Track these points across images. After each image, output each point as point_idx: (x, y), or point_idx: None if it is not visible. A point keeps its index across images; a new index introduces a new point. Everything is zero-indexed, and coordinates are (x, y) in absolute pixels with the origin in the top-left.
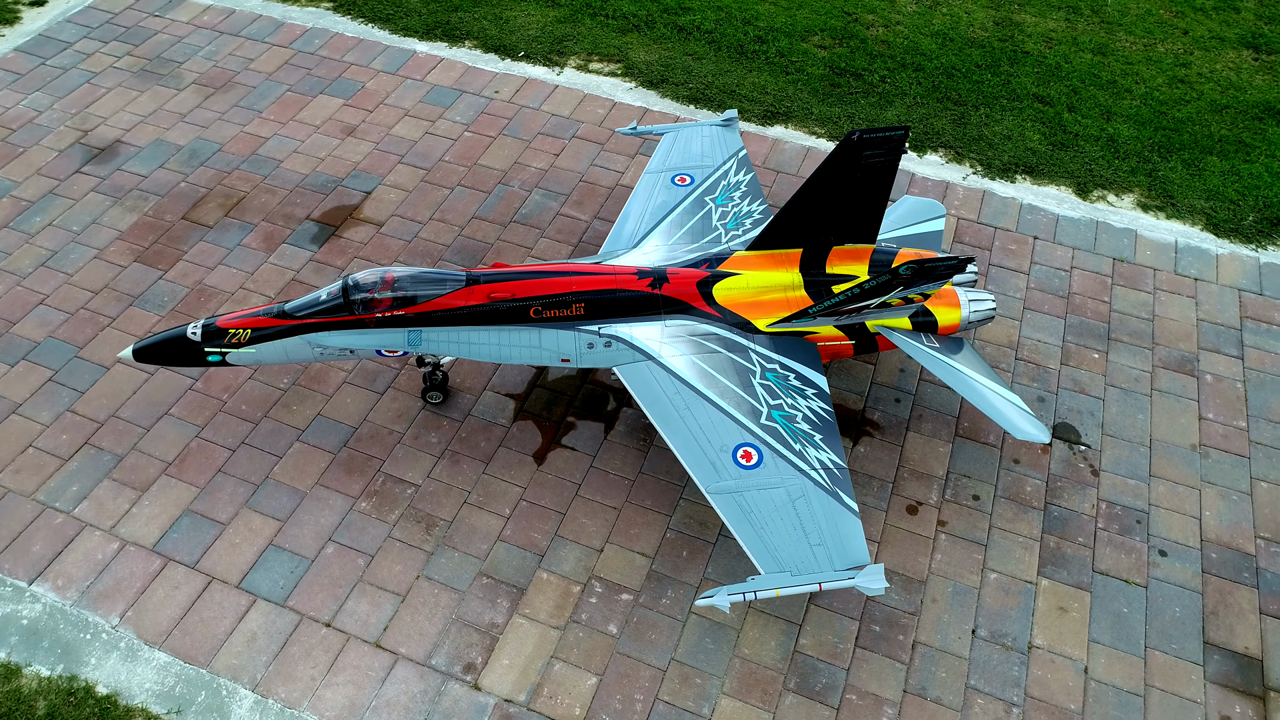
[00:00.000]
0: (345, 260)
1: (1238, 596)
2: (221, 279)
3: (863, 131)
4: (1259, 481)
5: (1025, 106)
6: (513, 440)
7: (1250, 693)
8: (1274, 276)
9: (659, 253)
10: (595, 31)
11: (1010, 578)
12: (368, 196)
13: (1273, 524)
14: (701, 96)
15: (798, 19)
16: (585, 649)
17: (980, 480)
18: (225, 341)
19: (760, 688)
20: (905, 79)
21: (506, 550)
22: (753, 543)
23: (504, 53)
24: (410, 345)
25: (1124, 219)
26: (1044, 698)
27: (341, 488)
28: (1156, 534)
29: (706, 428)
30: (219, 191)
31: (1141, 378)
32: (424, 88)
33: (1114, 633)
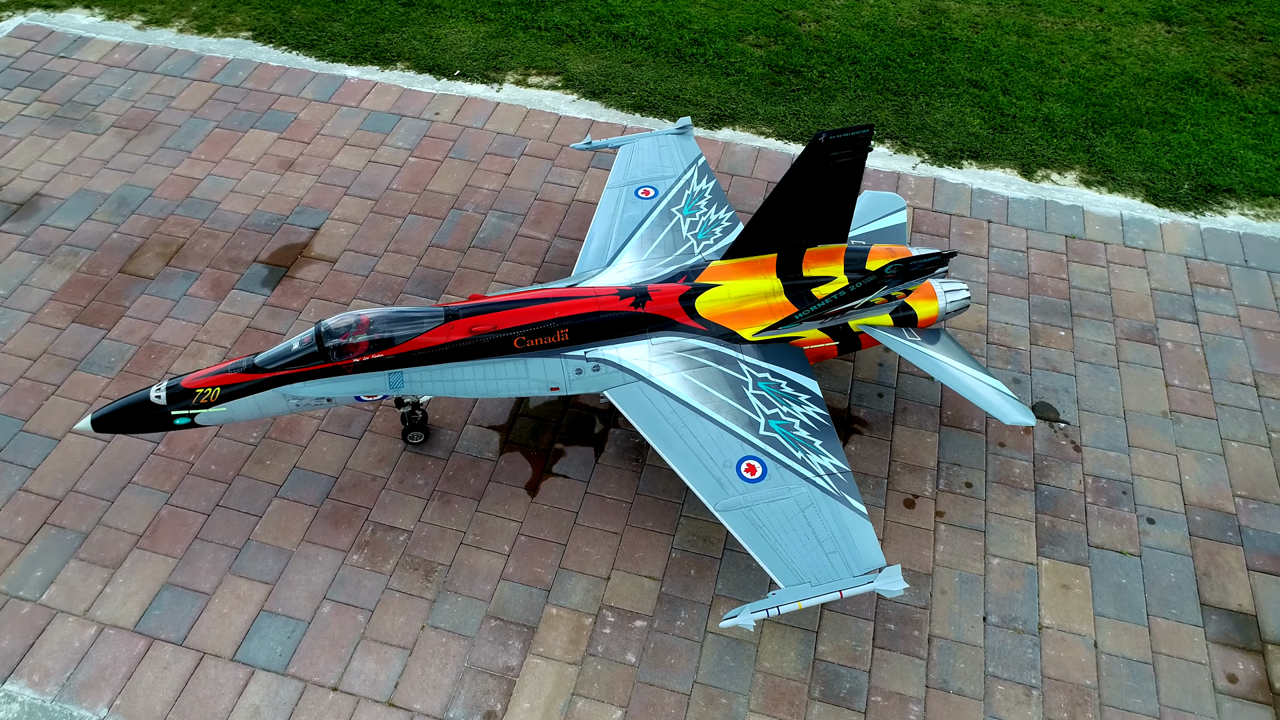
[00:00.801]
0: (301, 301)
1: (1226, 556)
2: (171, 333)
3: (829, 133)
4: (1229, 442)
5: (961, 92)
6: (502, 474)
7: (1250, 648)
8: (1215, 241)
9: (634, 269)
10: (530, 45)
11: (1012, 561)
12: (316, 233)
13: (1247, 482)
14: (646, 104)
15: (730, 19)
16: (606, 682)
17: (970, 467)
18: (194, 402)
19: (786, 700)
20: (844, 73)
21: (511, 589)
22: (768, 557)
23: (439, 72)
24: (392, 388)
25: (1069, 196)
26: (1060, 677)
27: (330, 542)
28: (1143, 503)
29: (707, 444)
30: (156, 240)
31: (1108, 351)
32: (360, 114)
33: (1117, 604)
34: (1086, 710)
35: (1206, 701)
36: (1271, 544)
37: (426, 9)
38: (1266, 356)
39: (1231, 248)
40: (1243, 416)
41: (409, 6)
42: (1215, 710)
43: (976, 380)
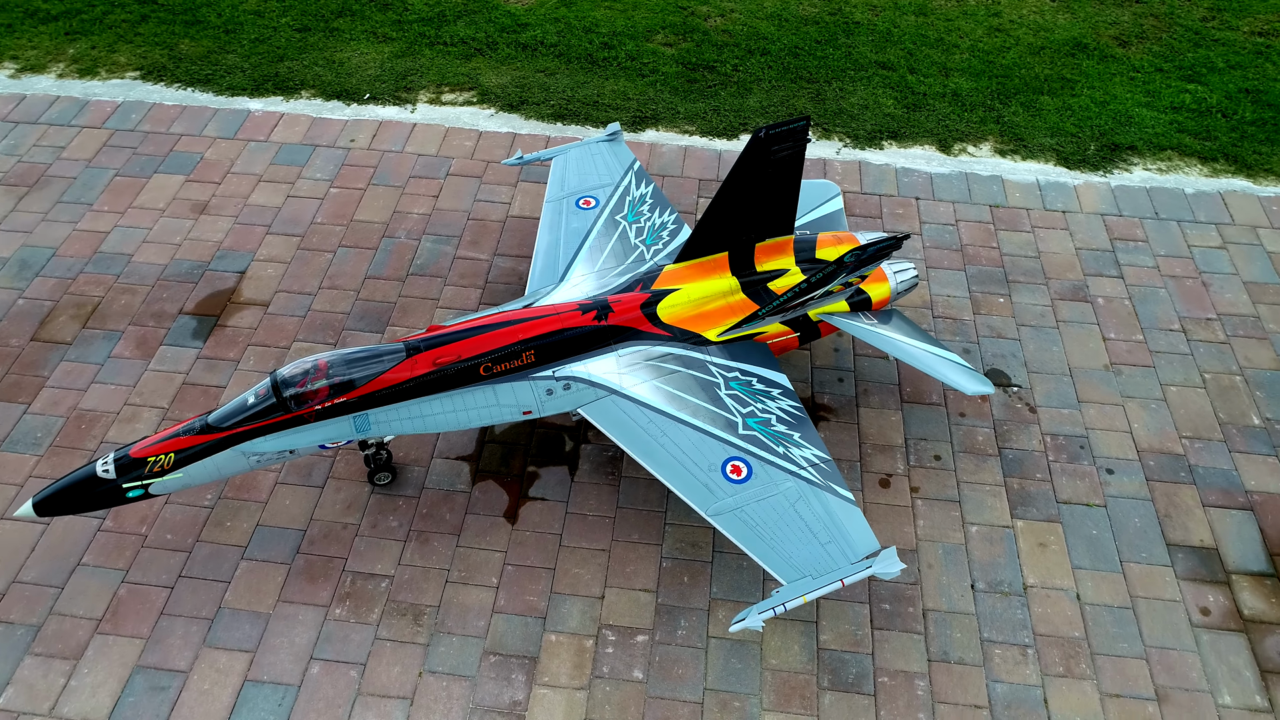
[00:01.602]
0: (238, 351)
1: (1182, 496)
2: (100, 399)
3: (768, 127)
4: (1168, 387)
5: (871, 75)
6: (478, 505)
7: (1216, 581)
8: (1126, 198)
9: (589, 282)
10: (438, 61)
11: (989, 526)
12: (243, 276)
13: (1190, 423)
14: (566, 113)
15: (637, 20)
16: (617, 702)
17: (936, 440)
18: (146, 471)
19: (797, 694)
20: (756, 65)
21: (506, 621)
22: (767, 556)
23: (347, 98)
24: (359, 432)
25: (987, 167)
26: (1050, 633)
27: (308, 599)
28: (1100, 455)
29: (689, 450)
30: (68, 302)
31: (1045, 313)
32: (271, 148)
33: (1091, 556)
34: (1079, 661)
35: (1185, 637)
36: (1220, 479)
37: (324, 33)
38: (1189, 302)
39: (1141, 202)
40: (1176, 362)
41: (304, 32)
42: (1195, 644)
43: (934, 356)
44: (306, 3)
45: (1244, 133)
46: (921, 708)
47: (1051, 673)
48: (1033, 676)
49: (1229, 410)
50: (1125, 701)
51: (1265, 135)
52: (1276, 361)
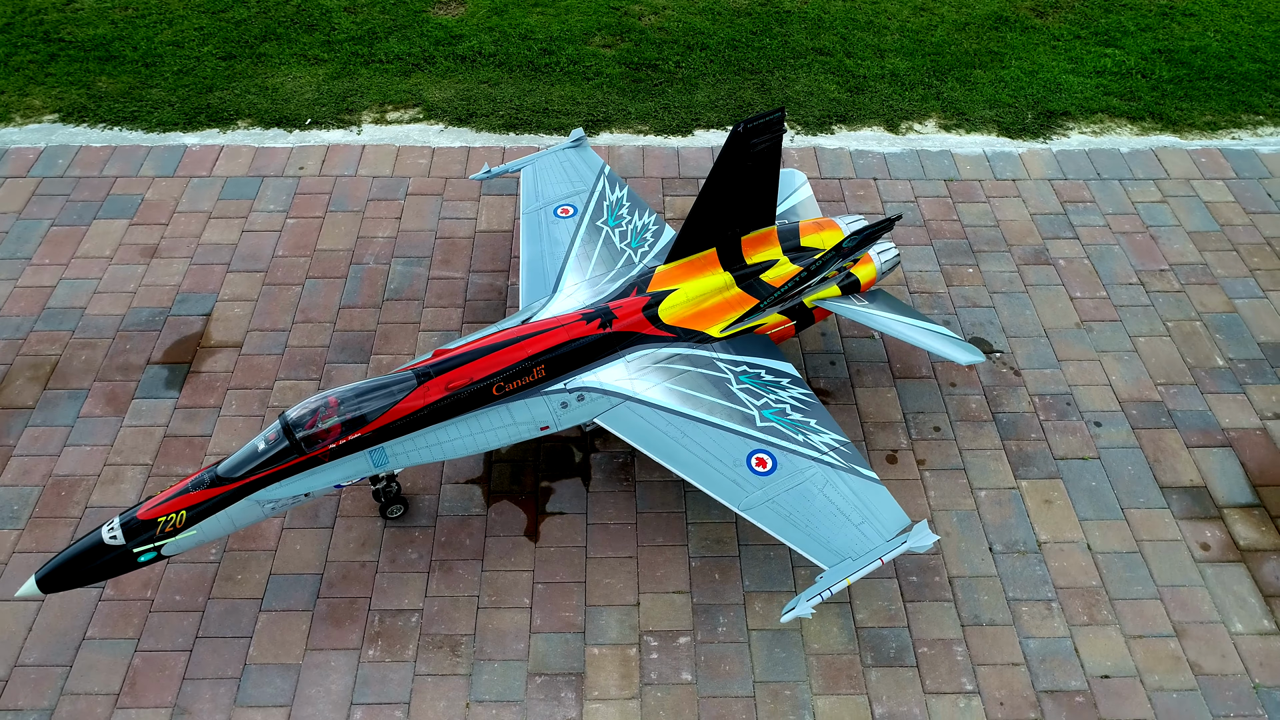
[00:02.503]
0: (217, 396)
1: (1166, 440)
2: (77, 463)
3: (746, 121)
4: (1136, 338)
5: (810, 62)
6: (496, 526)
7: (1210, 517)
8: (1069, 162)
9: (582, 291)
10: (377, 80)
11: (996, 490)
12: (209, 319)
13: (1162, 370)
14: (517, 122)
15: (571, 24)
16: (670, 707)
17: (933, 412)
18: (158, 533)
19: (844, 674)
20: (697, 60)
21: (545, 641)
22: (805, 543)
23: (288, 124)
24: (376, 467)
25: (936, 143)
26: (1069, 584)
27: (337, 644)
28: (1086, 409)
29: (712, 448)
30: (22, 364)
31: (1013, 278)
32: (216, 183)
33: (1094, 506)
34: (1100, 608)
35: (1191, 573)
36: (1198, 421)
37: (251, 60)
38: (1141, 256)
39: (1083, 165)
40: (1140, 314)
41: (230, 60)
42: (1201, 578)
43: (925, 331)
44: (227, 30)
45: (1164, 91)
46: (963, 672)
47: (1077, 622)
48: (1060, 628)
49: (1195, 355)
50: (1148, 641)
51: (1183, 92)
52: (1229, 304)
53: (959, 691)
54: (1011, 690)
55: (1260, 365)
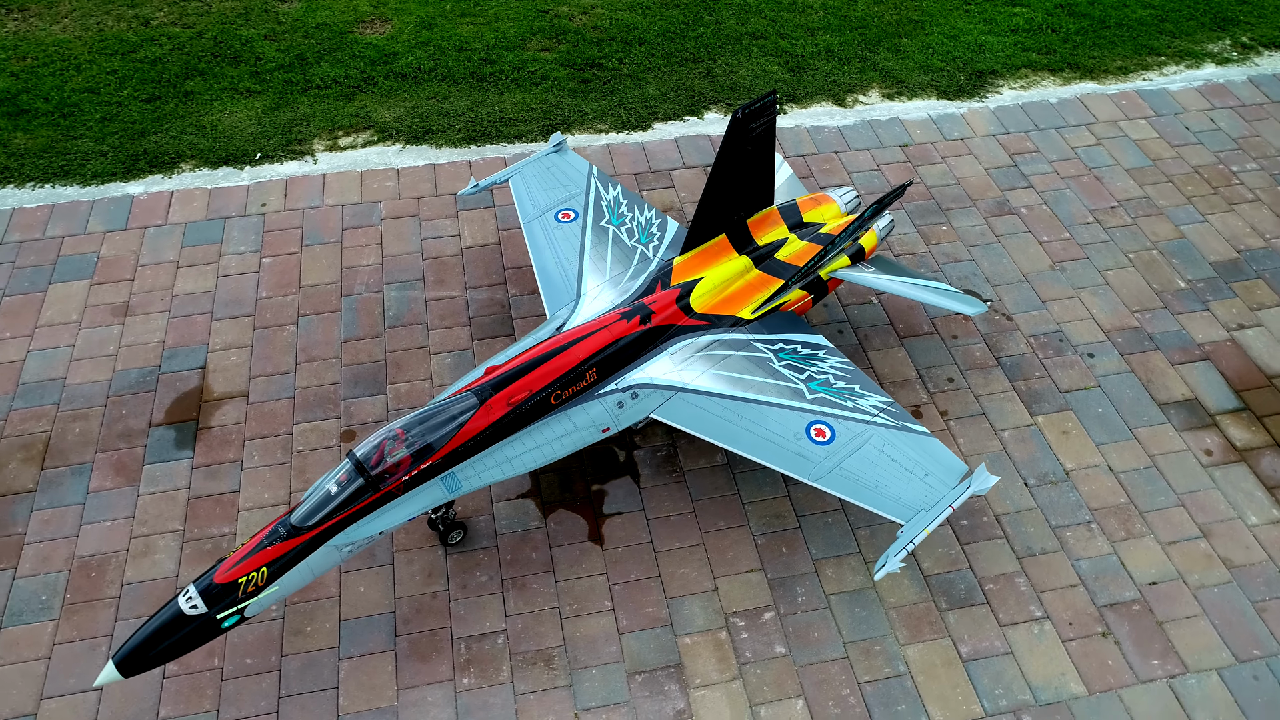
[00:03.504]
0: (235, 450)
1: (1153, 361)
2: (100, 541)
3: (744, 107)
4: (1105, 272)
5: (748, 46)
6: (559, 536)
7: (1206, 425)
8: (1007, 117)
9: (607, 291)
10: (319, 106)
11: (1017, 429)
12: (205, 371)
13: (1135, 299)
14: (477, 134)
15: (504, 31)
16: (772, 681)
17: (943, 365)
18: (240, 595)
19: (925, 622)
20: (639, 55)
21: (636, 639)
22: (878, 502)
23: (236, 162)
24: (451, 493)
25: (883, 112)
26: (1102, 505)
27: (429, 678)
28: (1077, 343)
29: (771, 426)
30: (9, 446)
31: (985, 231)
32: (175, 230)
33: (1106, 431)
34: (1134, 522)
35: (1202, 478)
36: (1175, 340)
37: (178, 100)
38: (1092, 197)
39: (1020, 119)
40: (1103, 249)
41: (155, 102)
42: (1211, 481)
43: (928, 289)
44: (143, 70)
45: (1074, 43)
46: (1029, 601)
47: (1116, 539)
48: (1104, 547)
49: (1159, 281)
50: (1181, 545)
51: (1090, 42)
52: (1177, 232)
53: (1030, 619)
54: (1075, 610)
55: (1216, 283)
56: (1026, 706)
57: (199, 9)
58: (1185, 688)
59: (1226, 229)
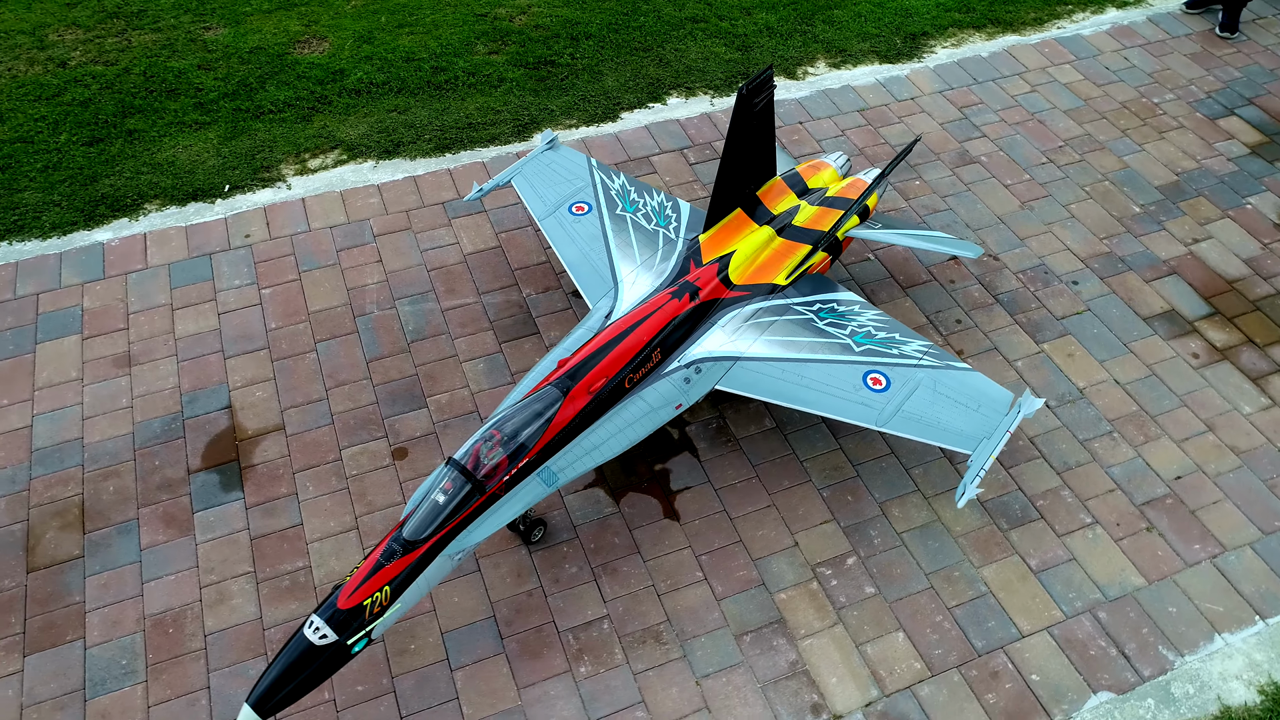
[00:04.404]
0: (287, 484)
1: (1129, 281)
2: (168, 595)
3: (746, 84)
4: (1068, 206)
5: (692, 30)
6: (635, 518)
7: (1187, 332)
8: (947, 74)
9: (644, 275)
10: (276, 131)
11: (1027, 357)
12: (232, 411)
13: (1100, 227)
14: (449, 141)
15: (446, 38)
16: (871, 620)
17: (948, 308)
18: (366, 617)
19: (993, 544)
20: (589, 49)
21: (734, 603)
22: (944, 437)
23: (205, 196)
24: (549, 486)
25: (834, 80)
26: (1117, 415)
27: (546, 673)
28: (1061, 273)
29: (831, 381)
30: (41, 515)
31: (954, 182)
32: (159, 272)
33: (1105, 349)
34: (1148, 426)
35: (1195, 379)
36: (1143, 260)
37: (123, 139)
38: (1040, 139)
39: (959, 75)
40: (1062, 186)
41: (98, 144)
42: (1204, 381)
43: (930, 238)
44: (76, 113)
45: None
46: (1078, 510)
47: (1137, 443)
48: (1129, 452)
49: (1116, 208)
50: (1193, 441)
51: None
52: (1121, 163)
53: (1082, 526)
54: (1119, 512)
55: (1165, 204)
56: (1099, 604)
57: (117, 45)
58: (1227, 564)
59: (1162, 155)
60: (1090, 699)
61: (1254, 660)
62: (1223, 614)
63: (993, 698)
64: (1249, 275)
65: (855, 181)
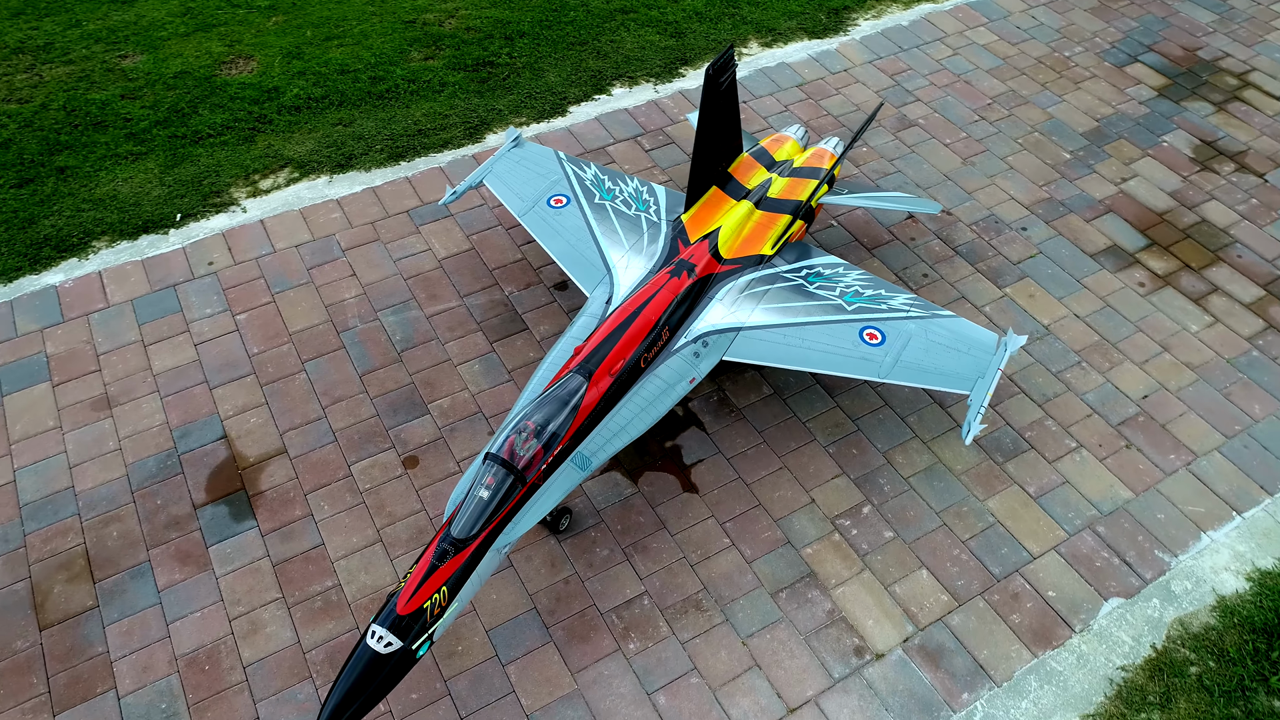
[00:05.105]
0: (301, 506)
1: (1072, 222)
2: (197, 633)
3: (711, 65)
4: (1005, 159)
5: (623, 21)
6: (656, 496)
7: (1131, 263)
8: (874, 44)
9: (636, 259)
10: (220, 155)
11: (994, 302)
12: (228, 440)
13: (1038, 175)
14: (403, 149)
15: (378, 48)
16: (894, 561)
17: (914, 264)
18: (428, 619)
19: (993, 478)
20: (525, 47)
21: (765, 563)
22: (942, 381)
23: (156, 228)
24: (583, 470)
25: (768, 59)
26: (1082, 347)
27: (596, 655)
28: (1009, 221)
29: (829, 341)
30: (44, 571)
31: (897, 146)
32: (124, 310)
33: (1061, 287)
34: (1110, 354)
35: (1145, 306)
36: (1081, 201)
37: (55, 178)
38: (969, 99)
39: (885, 44)
40: (997, 140)
41: (29, 184)
42: (1153, 307)
43: (893, 199)
44: (3, 154)
45: None
46: (1063, 436)
47: (1102, 369)
48: (1098, 379)
49: (1049, 156)
50: (1153, 362)
51: None
52: (1046, 115)
53: (1069, 450)
54: (1099, 434)
55: (1091, 149)
56: (1096, 519)
57: (28, 80)
58: (1201, 469)
59: (1081, 104)
60: (1103, 606)
61: (1238, 551)
62: (1204, 514)
63: (1017, 617)
64: (1176, 206)
65: (818, 151)
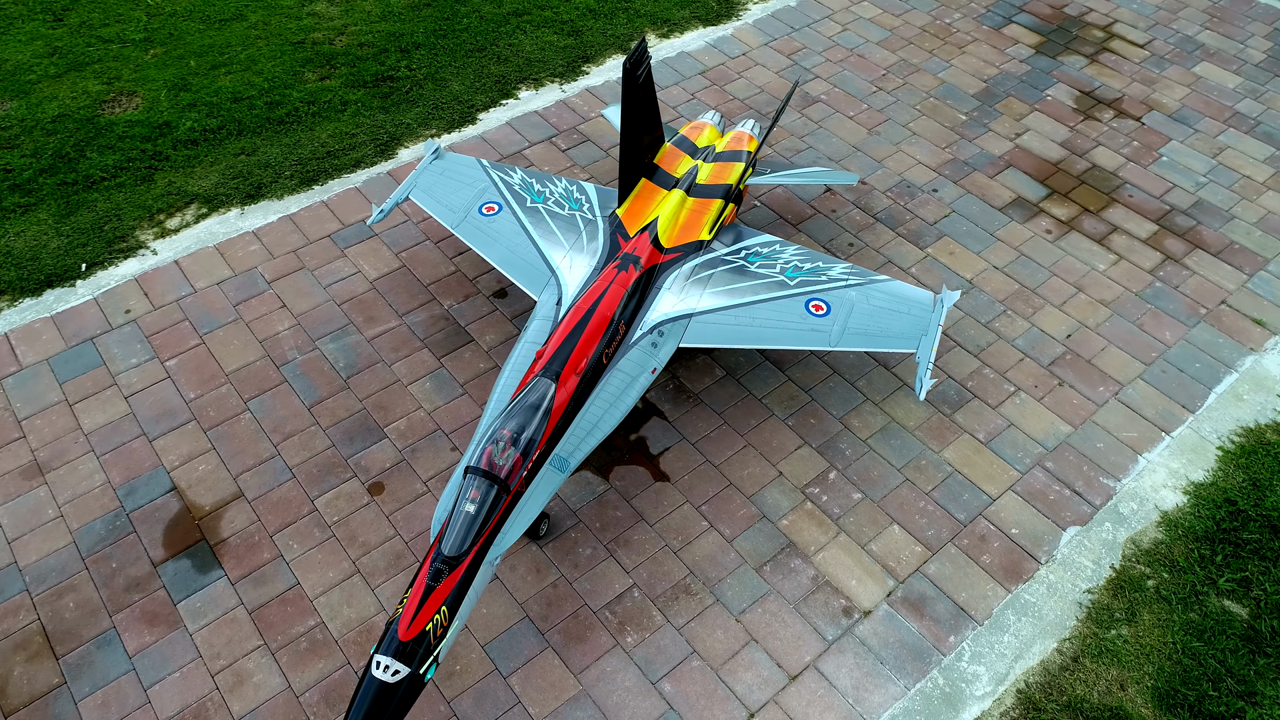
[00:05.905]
0: (269, 549)
1: (977, 180)
2: (179, 694)
3: (627, 59)
4: (907, 126)
5: (519, 24)
6: (629, 488)
7: (1037, 213)
8: (767, 27)
9: (579, 259)
10: (117, 197)
11: (919, 262)
12: (179, 492)
13: (939, 138)
14: (316, 172)
15: (269, 71)
16: (867, 521)
17: (839, 235)
18: (432, 642)
19: (946, 430)
20: (423, 58)
21: (744, 540)
22: (891, 342)
23: (61, 281)
24: (563, 472)
25: (668, 49)
26: (1005, 295)
27: (594, 653)
28: (920, 185)
29: (778, 318)
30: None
31: (806, 123)
32: (40, 370)
33: (978, 242)
34: (1031, 300)
35: (1055, 251)
36: (982, 160)
37: None
38: (864, 71)
39: (777, 25)
40: (897, 108)
41: None
42: (1062, 251)
43: (812, 174)
44: None
45: None
46: (1002, 383)
47: (1025, 315)
48: (1024, 325)
49: (946, 120)
50: (1070, 303)
51: None
52: (937, 80)
53: (1009, 395)
54: (1032, 375)
55: (983, 108)
56: (1043, 456)
57: None
58: (1128, 397)
59: (968, 67)
60: (1063, 535)
61: (1172, 469)
62: (1138, 438)
63: (987, 558)
64: (1068, 155)
65: (736, 134)
